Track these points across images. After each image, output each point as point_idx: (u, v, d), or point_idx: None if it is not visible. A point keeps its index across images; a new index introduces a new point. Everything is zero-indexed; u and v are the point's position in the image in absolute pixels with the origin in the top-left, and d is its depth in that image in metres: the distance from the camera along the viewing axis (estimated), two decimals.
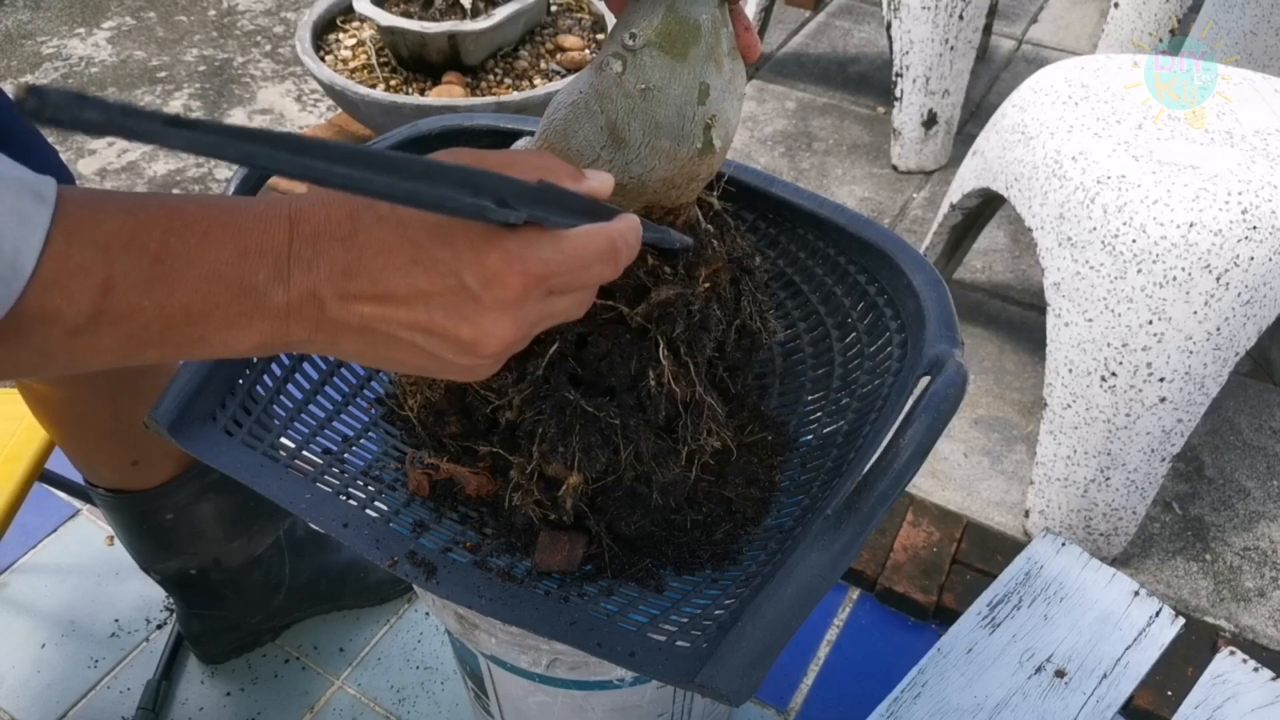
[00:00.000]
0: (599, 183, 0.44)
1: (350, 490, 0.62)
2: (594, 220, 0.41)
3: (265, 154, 0.30)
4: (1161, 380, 1.11)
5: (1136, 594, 0.86)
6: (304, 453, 0.64)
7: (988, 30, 2.32)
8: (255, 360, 0.66)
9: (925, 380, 0.56)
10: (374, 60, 1.71)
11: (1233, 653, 0.83)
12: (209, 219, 0.35)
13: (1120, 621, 0.84)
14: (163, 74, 2.37)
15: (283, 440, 0.64)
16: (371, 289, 0.37)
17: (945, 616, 1.22)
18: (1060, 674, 0.81)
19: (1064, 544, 0.90)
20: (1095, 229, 1.10)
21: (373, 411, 0.70)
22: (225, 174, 2.05)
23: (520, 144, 0.59)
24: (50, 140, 0.77)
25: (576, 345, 0.57)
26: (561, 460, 0.55)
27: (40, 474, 0.98)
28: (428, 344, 0.39)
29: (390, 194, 0.33)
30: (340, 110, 1.86)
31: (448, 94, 1.61)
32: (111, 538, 1.33)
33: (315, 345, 0.39)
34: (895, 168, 1.98)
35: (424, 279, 0.37)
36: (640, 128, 0.52)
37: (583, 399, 0.56)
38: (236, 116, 2.22)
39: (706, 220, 0.60)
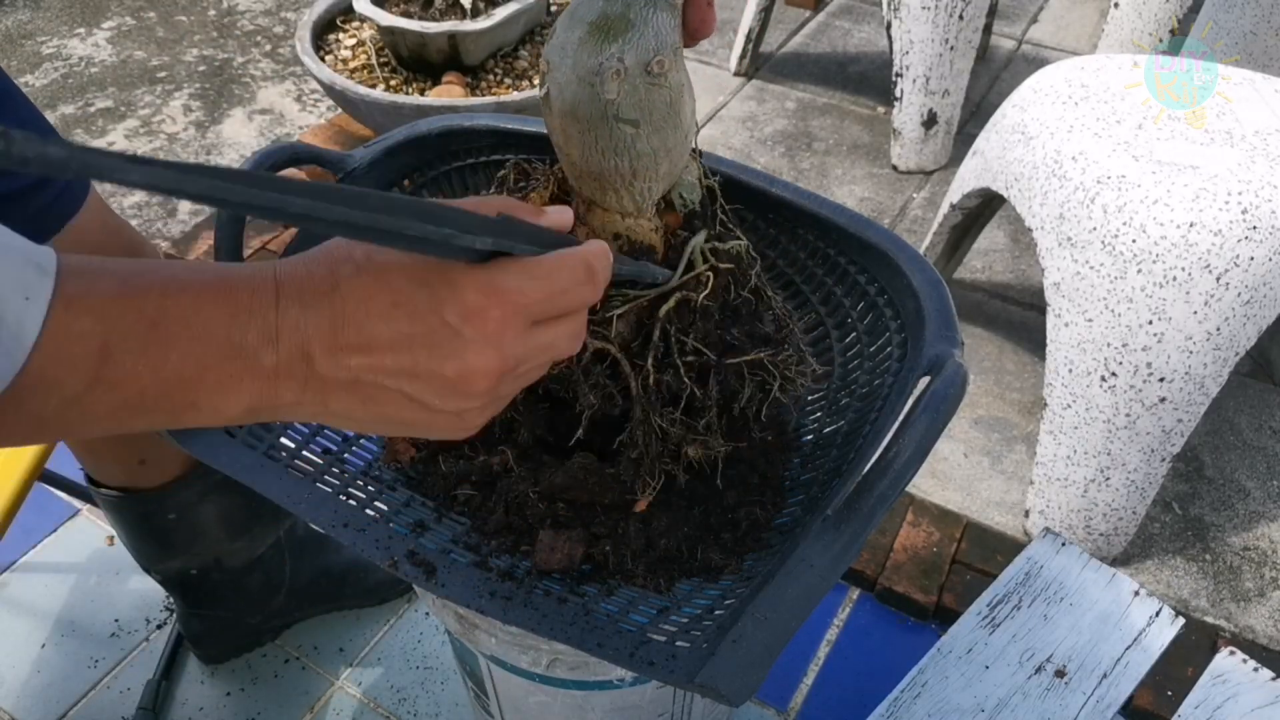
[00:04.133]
0: (558, 215, 0.44)
1: (350, 490, 0.62)
2: (557, 247, 0.41)
3: (223, 188, 0.30)
4: (1161, 380, 1.11)
5: (1136, 594, 0.86)
6: (304, 453, 0.64)
7: (988, 30, 2.32)
8: None
9: (925, 380, 0.56)
10: (374, 60, 1.71)
11: (1233, 653, 0.83)
12: (202, 284, 0.36)
13: (1120, 621, 0.84)
14: (163, 74, 2.37)
15: (283, 440, 0.64)
16: (357, 338, 0.37)
17: (945, 616, 1.22)
18: (1060, 674, 0.81)
19: (1064, 544, 0.90)
20: (1095, 229, 1.10)
21: None
22: None
23: None
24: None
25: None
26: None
27: (40, 474, 0.98)
28: (414, 389, 0.39)
29: (349, 224, 0.33)
30: (340, 110, 1.86)
31: (448, 94, 1.61)
32: (112, 538, 1.33)
33: (304, 408, 0.39)
34: (895, 168, 1.99)
35: (405, 322, 0.37)
36: None
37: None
38: (236, 116, 2.22)
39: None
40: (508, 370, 0.40)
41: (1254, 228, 1.03)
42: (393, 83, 1.68)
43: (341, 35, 1.77)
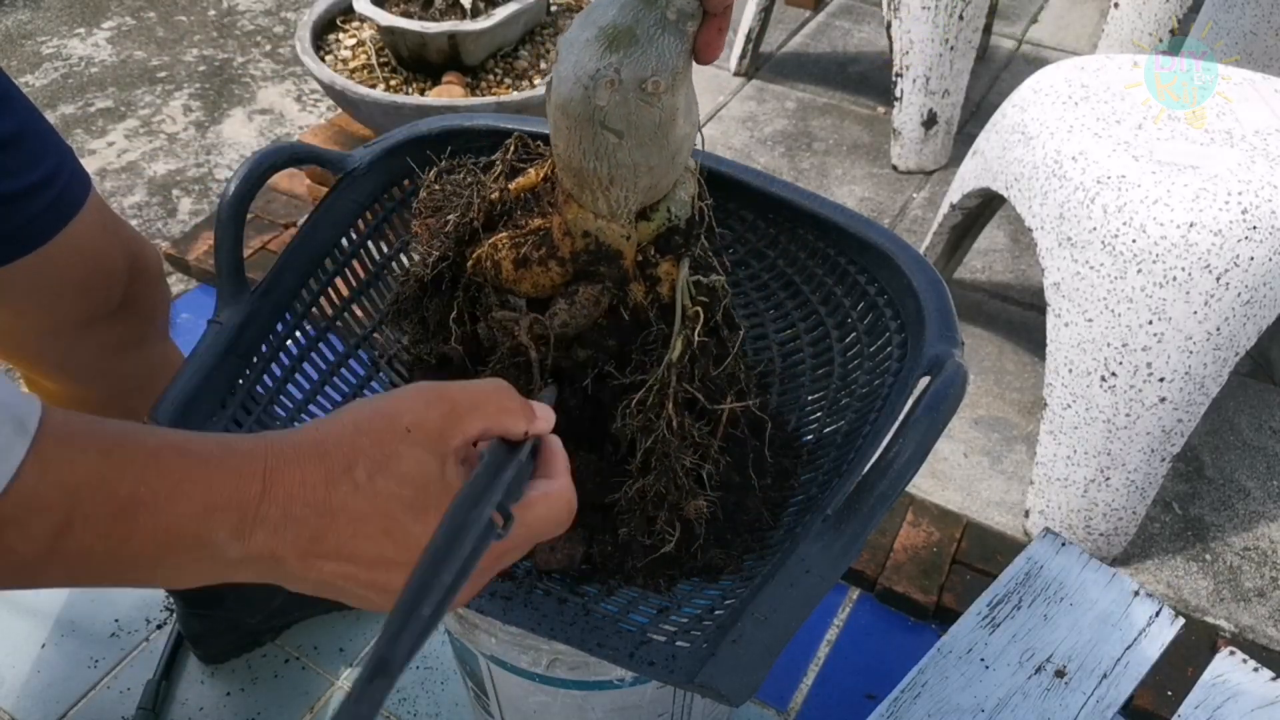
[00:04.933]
0: (544, 422, 0.44)
1: None
2: (533, 452, 0.43)
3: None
4: (1161, 380, 1.11)
5: (1136, 594, 0.86)
6: None
7: (988, 30, 2.32)
8: (255, 360, 0.66)
9: (925, 380, 0.56)
10: (374, 60, 1.71)
11: (1233, 653, 0.83)
12: (183, 471, 0.35)
13: (1120, 621, 0.84)
14: (163, 74, 2.37)
15: None
16: (336, 551, 0.37)
17: (945, 616, 1.22)
18: (1060, 674, 0.81)
19: (1064, 544, 0.90)
20: (1095, 229, 1.10)
21: None
22: (225, 174, 2.05)
23: None
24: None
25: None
26: None
27: None
28: (379, 599, 0.39)
29: (456, 588, 0.34)
30: (340, 110, 1.86)
31: (448, 94, 1.61)
32: None
33: (259, 580, 0.39)
34: (895, 168, 1.98)
35: (392, 549, 0.37)
36: None
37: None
38: (236, 116, 2.22)
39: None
40: (470, 599, 0.42)
41: (1254, 228, 1.03)
42: (393, 83, 1.68)
43: (341, 35, 1.77)
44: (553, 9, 1.84)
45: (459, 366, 0.64)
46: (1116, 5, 2.07)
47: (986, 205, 1.46)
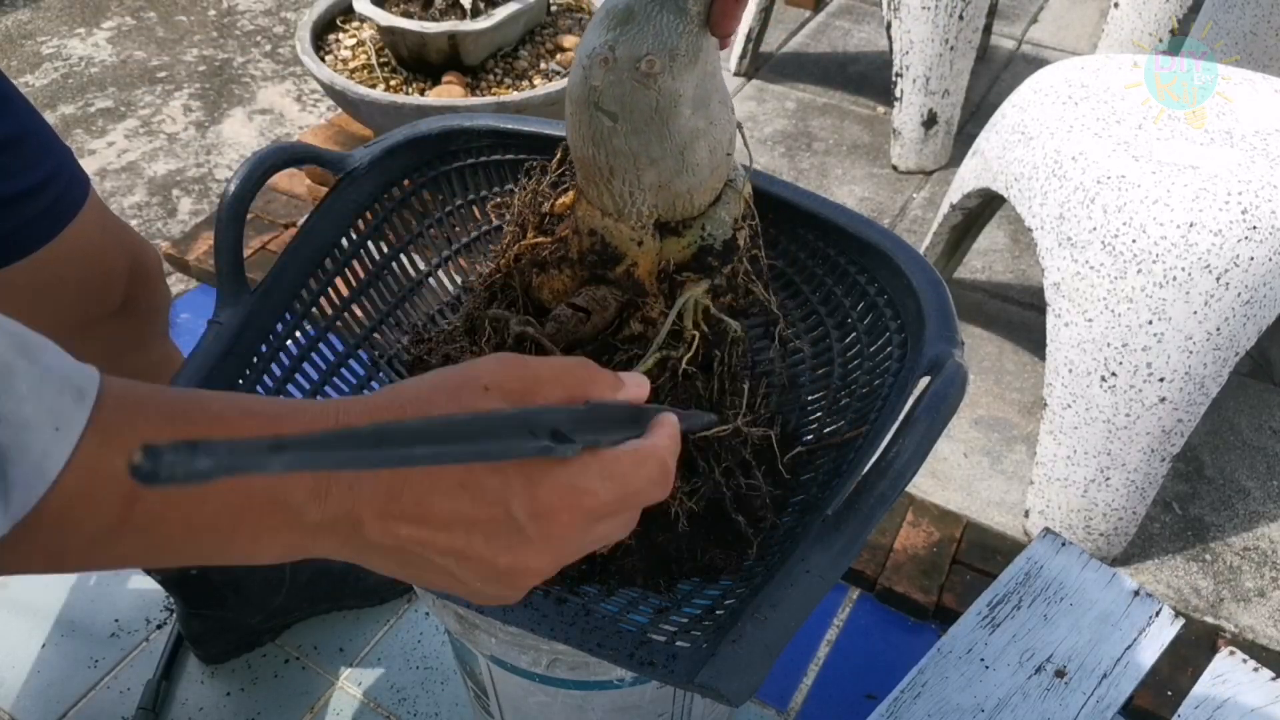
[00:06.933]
0: (636, 388, 0.42)
1: None
2: (636, 425, 0.40)
3: (351, 457, 0.30)
4: (1161, 380, 1.11)
5: (1136, 594, 0.86)
6: None
7: (988, 30, 2.32)
8: (255, 361, 0.66)
9: (925, 380, 0.56)
10: (374, 60, 1.71)
11: (1233, 653, 0.83)
12: (250, 432, 0.34)
13: (1120, 621, 0.84)
14: (163, 74, 2.37)
15: None
16: (414, 510, 0.35)
17: (945, 616, 1.22)
18: (1060, 674, 0.81)
19: (1064, 544, 0.90)
20: (1095, 229, 1.10)
21: None
22: (225, 174, 2.05)
23: None
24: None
25: None
26: None
27: None
28: (460, 571, 0.37)
29: (463, 458, 0.32)
30: (340, 110, 1.86)
31: (448, 94, 1.61)
32: None
33: (341, 556, 0.37)
34: (895, 168, 1.99)
35: (469, 505, 0.35)
36: None
37: None
38: (236, 116, 2.22)
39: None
40: (558, 567, 0.39)
41: (1254, 228, 1.03)
42: (393, 83, 1.68)
43: (341, 35, 1.77)
44: (553, 9, 1.84)
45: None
46: (1116, 5, 2.07)
47: (986, 205, 1.46)
